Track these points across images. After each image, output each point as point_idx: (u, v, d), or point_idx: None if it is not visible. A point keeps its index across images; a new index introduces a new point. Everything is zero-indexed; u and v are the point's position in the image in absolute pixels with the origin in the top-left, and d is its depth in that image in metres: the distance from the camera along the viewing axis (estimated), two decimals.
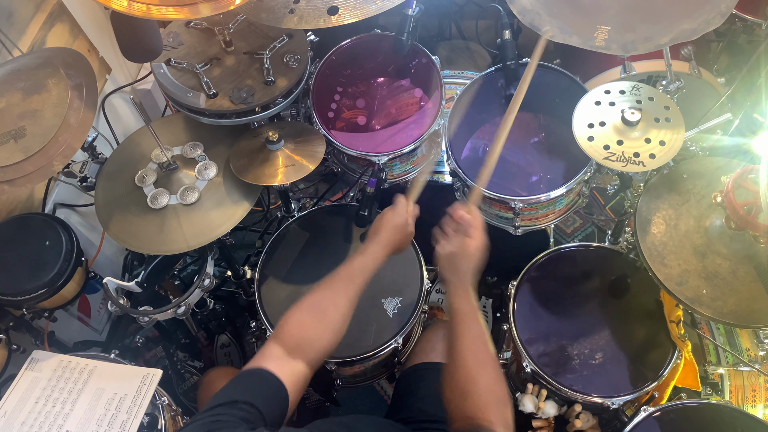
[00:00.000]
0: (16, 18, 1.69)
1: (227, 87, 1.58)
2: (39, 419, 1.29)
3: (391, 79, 1.74)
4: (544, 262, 1.64)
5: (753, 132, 1.70)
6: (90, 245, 1.94)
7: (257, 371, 1.01)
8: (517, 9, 1.39)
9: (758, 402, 1.53)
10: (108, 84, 2.09)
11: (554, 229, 2.13)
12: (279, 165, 1.50)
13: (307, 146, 1.55)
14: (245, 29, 1.69)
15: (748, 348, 1.57)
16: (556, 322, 1.54)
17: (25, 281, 1.42)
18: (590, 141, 1.35)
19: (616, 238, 1.73)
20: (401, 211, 1.29)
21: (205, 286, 1.58)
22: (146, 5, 1.14)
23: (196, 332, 1.94)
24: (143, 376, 1.36)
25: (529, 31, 1.38)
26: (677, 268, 1.32)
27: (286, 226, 1.73)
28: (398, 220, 1.28)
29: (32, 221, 1.52)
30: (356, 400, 2.10)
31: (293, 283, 1.62)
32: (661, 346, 1.46)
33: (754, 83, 1.78)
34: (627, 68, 1.59)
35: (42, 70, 1.37)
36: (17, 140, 1.28)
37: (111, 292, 1.50)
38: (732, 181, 1.25)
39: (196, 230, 1.47)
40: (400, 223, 1.28)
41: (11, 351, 1.48)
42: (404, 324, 1.53)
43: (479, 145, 1.63)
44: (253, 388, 0.98)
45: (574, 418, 1.46)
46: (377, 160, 1.62)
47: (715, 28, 1.26)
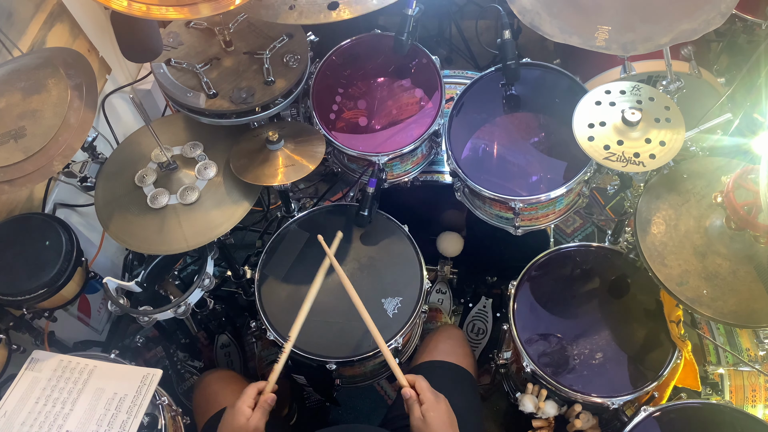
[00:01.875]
0: (16, 18, 1.69)
1: (227, 87, 1.58)
2: (39, 419, 1.29)
3: (392, 79, 1.74)
4: (544, 262, 1.64)
5: (753, 132, 1.70)
6: (90, 245, 1.94)
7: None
8: (517, 9, 1.39)
9: (758, 402, 1.53)
10: (108, 84, 2.09)
11: (554, 229, 2.13)
12: (279, 165, 1.50)
13: (307, 146, 1.55)
14: (245, 29, 1.69)
15: (748, 348, 1.58)
16: (556, 322, 1.55)
17: (25, 281, 1.42)
18: (590, 141, 1.35)
19: (616, 238, 1.73)
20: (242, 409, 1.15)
21: (205, 285, 1.58)
22: (146, 5, 1.14)
23: (196, 332, 1.94)
24: (143, 376, 1.36)
25: (529, 31, 1.38)
26: (677, 268, 1.32)
27: (286, 226, 1.73)
28: (238, 422, 1.14)
29: (32, 221, 1.52)
30: (356, 400, 2.10)
31: (293, 283, 1.62)
32: (661, 346, 1.46)
33: (754, 83, 1.78)
34: (627, 68, 1.59)
35: (42, 70, 1.37)
36: (17, 140, 1.28)
37: (111, 292, 1.50)
38: (732, 181, 1.25)
39: (196, 230, 1.47)
40: (241, 425, 1.14)
41: (11, 351, 1.48)
42: (404, 324, 1.53)
43: (479, 145, 1.63)
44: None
45: (574, 418, 1.46)
46: (377, 160, 1.62)
47: (715, 28, 1.26)
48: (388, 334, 1.52)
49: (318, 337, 1.52)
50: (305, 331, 1.54)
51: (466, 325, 2.13)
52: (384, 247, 1.67)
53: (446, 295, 2.14)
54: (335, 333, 1.54)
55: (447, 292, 2.14)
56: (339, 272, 1.40)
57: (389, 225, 1.70)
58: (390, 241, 1.67)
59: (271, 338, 1.53)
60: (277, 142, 1.50)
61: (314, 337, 1.52)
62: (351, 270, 1.64)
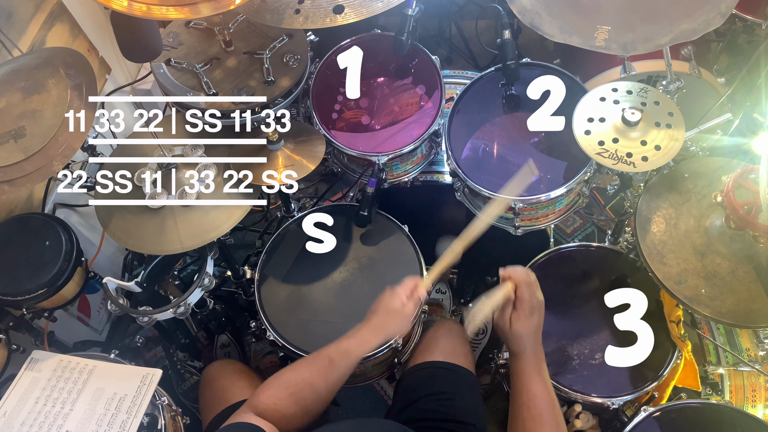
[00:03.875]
0: (16, 18, 1.69)
1: (227, 87, 1.58)
2: (39, 419, 1.29)
3: (392, 79, 1.74)
4: (544, 262, 1.64)
5: (753, 132, 1.71)
6: (90, 245, 1.94)
7: (241, 425, 1.01)
8: (517, 9, 1.39)
9: (758, 402, 1.53)
10: (108, 84, 2.09)
11: (554, 229, 2.13)
12: (279, 165, 1.50)
13: (307, 146, 1.55)
14: (245, 29, 1.69)
15: (748, 348, 1.58)
16: (556, 322, 1.55)
17: (25, 281, 1.42)
18: (587, 135, 1.36)
19: (616, 238, 1.73)
20: (400, 294, 1.23)
21: (204, 285, 1.58)
22: (146, 5, 1.15)
23: (196, 332, 1.94)
24: (143, 376, 1.36)
25: (529, 31, 1.38)
26: (676, 267, 1.33)
27: (286, 226, 1.73)
28: (394, 304, 1.22)
29: (32, 221, 1.52)
30: (356, 400, 2.10)
31: (293, 283, 1.62)
32: (661, 346, 1.46)
33: (754, 83, 1.79)
34: (627, 68, 1.59)
35: (42, 70, 1.37)
36: (17, 140, 1.29)
37: (111, 292, 1.50)
38: (732, 180, 1.25)
39: (195, 230, 1.47)
40: (396, 307, 1.21)
41: (11, 351, 1.48)
42: None
43: (479, 145, 1.63)
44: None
45: (574, 418, 1.46)
46: (377, 160, 1.62)
47: (715, 28, 1.26)
48: None
49: (318, 337, 1.52)
50: (305, 332, 1.54)
51: (466, 325, 2.13)
52: (384, 247, 1.67)
53: (446, 295, 2.14)
54: (335, 333, 1.53)
55: (447, 292, 2.14)
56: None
57: (389, 225, 1.70)
58: (390, 241, 1.67)
59: (271, 338, 1.53)
60: (277, 142, 1.50)
61: (314, 337, 1.52)
62: (351, 270, 1.64)
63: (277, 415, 1.08)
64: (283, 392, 1.11)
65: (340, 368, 1.15)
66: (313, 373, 1.14)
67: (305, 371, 1.15)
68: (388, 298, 1.23)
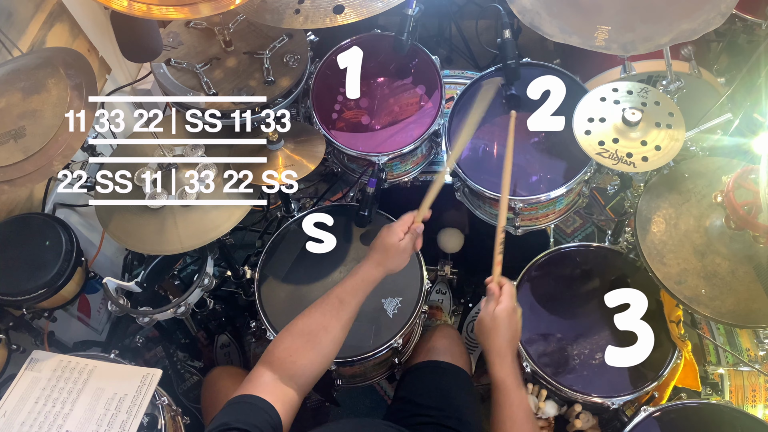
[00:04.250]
0: (16, 18, 1.69)
1: (227, 87, 1.58)
2: (39, 419, 1.29)
3: (392, 79, 1.74)
4: (544, 262, 1.64)
5: (753, 132, 1.70)
6: (90, 245, 1.94)
7: (248, 398, 1.02)
8: (517, 9, 1.39)
9: (758, 402, 1.53)
10: (108, 84, 2.09)
11: (554, 229, 2.13)
12: (279, 165, 1.50)
13: (307, 146, 1.55)
14: (245, 29, 1.69)
15: (748, 348, 1.58)
16: (556, 322, 1.54)
17: (25, 281, 1.43)
18: (587, 134, 1.36)
19: (616, 238, 1.73)
20: (396, 230, 1.28)
21: (204, 285, 1.58)
22: (146, 5, 1.15)
23: (196, 332, 1.94)
24: (143, 376, 1.36)
25: (529, 31, 1.38)
26: (676, 267, 1.33)
27: (286, 226, 1.73)
28: (392, 240, 1.26)
29: (32, 221, 1.52)
30: (356, 400, 2.10)
31: (293, 283, 1.62)
32: (661, 346, 1.46)
33: (754, 83, 1.79)
34: (627, 68, 1.59)
35: (42, 70, 1.37)
36: (17, 140, 1.29)
37: (111, 292, 1.50)
38: (732, 181, 1.25)
39: (195, 230, 1.47)
40: (394, 242, 1.26)
41: (11, 351, 1.48)
42: (404, 324, 1.53)
43: (479, 145, 1.63)
44: (245, 415, 0.98)
45: (574, 418, 1.46)
46: (377, 160, 1.62)
47: (715, 28, 1.26)
48: (387, 335, 1.52)
49: None
50: None
51: (466, 325, 2.13)
52: None
53: (446, 295, 2.14)
54: None
55: (447, 292, 2.14)
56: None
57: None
58: None
59: (271, 338, 1.53)
60: (277, 142, 1.50)
61: None
62: (351, 270, 1.63)
63: (294, 366, 1.09)
64: (298, 340, 1.12)
65: (351, 306, 1.19)
66: (326, 316, 1.16)
67: (318, 315, 1.16)
68: (386, 235, 1.28)
